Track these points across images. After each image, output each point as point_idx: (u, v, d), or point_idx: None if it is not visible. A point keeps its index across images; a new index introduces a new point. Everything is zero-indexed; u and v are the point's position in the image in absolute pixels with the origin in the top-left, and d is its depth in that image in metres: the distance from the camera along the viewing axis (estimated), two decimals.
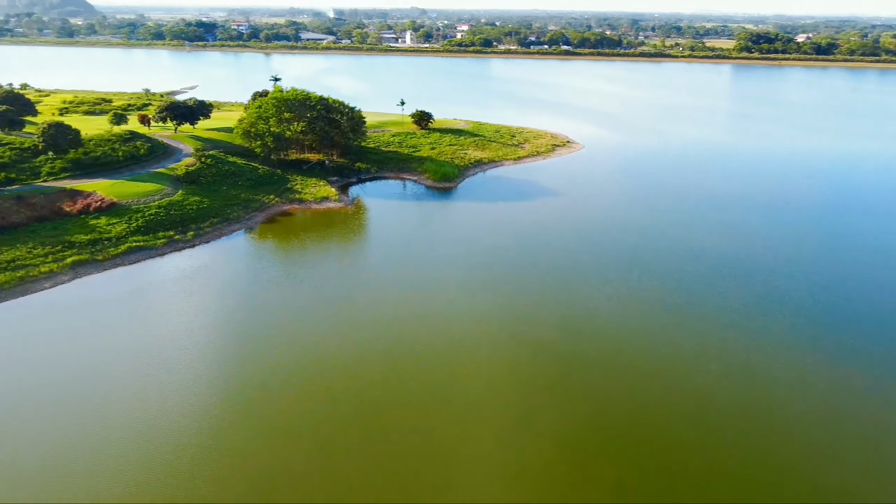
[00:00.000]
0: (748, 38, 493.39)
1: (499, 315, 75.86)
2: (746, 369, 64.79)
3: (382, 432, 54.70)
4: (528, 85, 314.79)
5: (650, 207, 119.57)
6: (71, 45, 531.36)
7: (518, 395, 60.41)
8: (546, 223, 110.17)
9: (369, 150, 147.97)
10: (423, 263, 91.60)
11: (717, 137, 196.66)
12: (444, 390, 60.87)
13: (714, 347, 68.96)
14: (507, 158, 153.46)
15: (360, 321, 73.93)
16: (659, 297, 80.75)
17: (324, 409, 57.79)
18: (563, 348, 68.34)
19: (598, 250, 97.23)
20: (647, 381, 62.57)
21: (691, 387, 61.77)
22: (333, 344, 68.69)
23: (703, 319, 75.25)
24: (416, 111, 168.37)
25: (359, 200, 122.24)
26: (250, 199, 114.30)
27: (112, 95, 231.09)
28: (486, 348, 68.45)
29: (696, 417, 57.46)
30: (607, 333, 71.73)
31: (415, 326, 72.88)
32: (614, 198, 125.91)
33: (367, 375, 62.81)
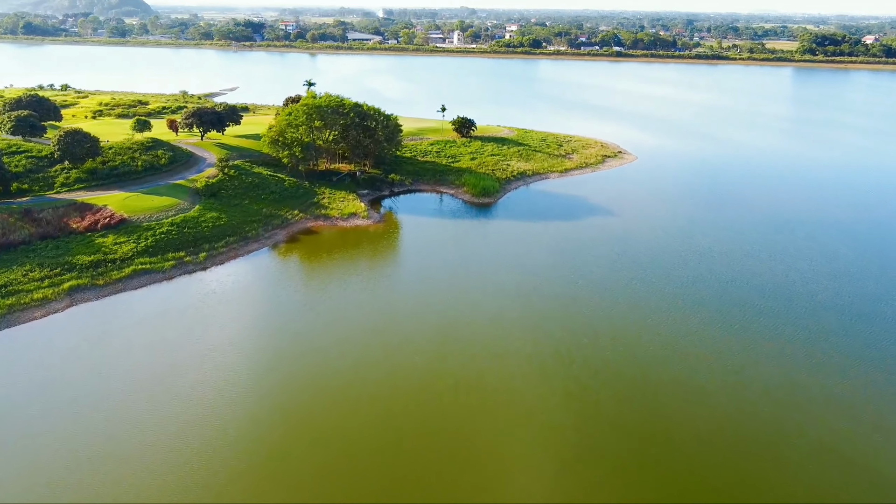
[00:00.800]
0: (811, 40, 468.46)
1: (540, 352, 65.20)
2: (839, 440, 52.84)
3: (418, 463, 46.24)
4: (578, 88, 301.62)
5: (711, 228, 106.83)
6: (122, 44, 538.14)
7: (576, 434, 50.15)
8: (593, 246, 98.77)
9: (405, 159, 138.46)
10: (455, 291, 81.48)
11: (784, 146, 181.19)
12: (485, 432, 50.78)
13: (799, 407, 57.02)
14: (552, 171, 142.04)
15: (385, 358, 64.18)
16: (724, 337, 68.84)
17: (357, 443, 48.72)
18: (616, 390, 57.35)
19: (652, 277, 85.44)
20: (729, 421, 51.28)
21: (770, 437, 50.20)
22: (357, 381, 59.15)
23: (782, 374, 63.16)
24: (456, 118, 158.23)
25: (389, 216, 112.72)
26: (272, 214, 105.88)
27: (150, 97, 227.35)
28: (527, 383, 58.09)
29: (773, 466, 46.03)
30: (667, 377, 60.37)
31: (447, 365, 62.77)
32: (670, 217, 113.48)
33: (399, 415, 53.03)
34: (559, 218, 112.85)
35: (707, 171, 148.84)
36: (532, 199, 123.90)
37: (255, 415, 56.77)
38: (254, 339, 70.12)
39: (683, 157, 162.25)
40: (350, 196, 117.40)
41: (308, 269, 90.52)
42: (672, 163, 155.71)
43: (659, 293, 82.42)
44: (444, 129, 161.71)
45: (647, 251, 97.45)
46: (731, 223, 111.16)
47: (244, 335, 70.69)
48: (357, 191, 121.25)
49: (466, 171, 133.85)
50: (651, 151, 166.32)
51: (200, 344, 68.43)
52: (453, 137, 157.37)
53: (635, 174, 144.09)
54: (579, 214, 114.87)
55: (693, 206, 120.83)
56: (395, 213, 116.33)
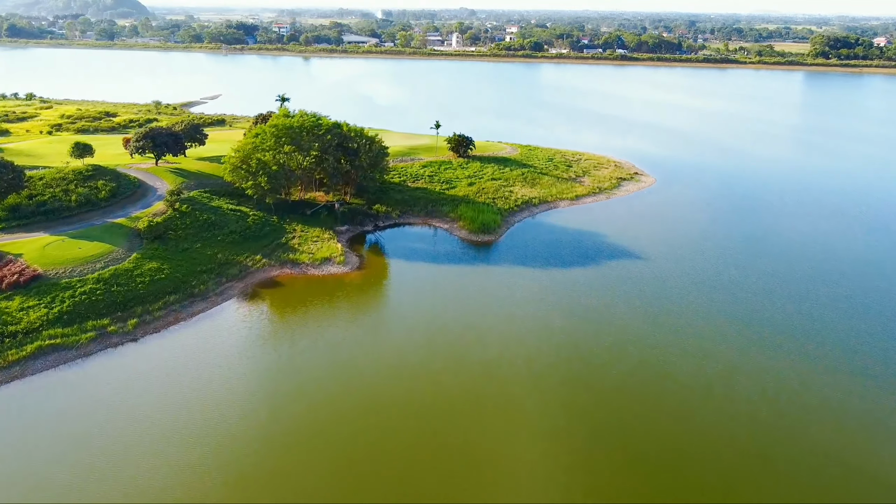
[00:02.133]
0: (824, 43, 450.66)
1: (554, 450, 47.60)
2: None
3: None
4: (583, 95, 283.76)
5: (748, 268, 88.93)
6: (108, 47, 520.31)
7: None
8: (612, 296, 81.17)
9: (392, 186, 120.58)
10: (448, 373, 63.63)
11: (815, 163, 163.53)
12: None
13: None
14: (562, 197, 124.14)
15: (359, 470, 46.47)
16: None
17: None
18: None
19: (684, 340, 67.60)
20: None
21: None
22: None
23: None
24: (453, 136, 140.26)
25: (371, 261, 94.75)
26: (229, 261, 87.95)
27: (121, 108, 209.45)
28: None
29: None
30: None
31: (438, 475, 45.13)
32: (702, 258, 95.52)
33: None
34: (572, 261, 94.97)
35: (735, 196, 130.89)
36: (540, 236, 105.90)
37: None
38: (184, 438, 52.16)
39: (707, 178, 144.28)
40: (325, 234, 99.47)
41: (264, 339, 72.58)
42: (695, 185, 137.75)
43: (708, 379, 64.54)
44: (439, 147, 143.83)
45: (679, 303, 79.54)
46: (773, 258, 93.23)
47: (172, 431, 52.72)
48: (334, 227, 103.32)
49: (463, 200, 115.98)
50: (670, 171, 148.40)
51: (107, 452, 50.53)
52: (449, 157, 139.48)
53: (655, 201, 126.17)
54: (596, 256, 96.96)
55: (726, 242, 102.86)
56: (378, 254, 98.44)
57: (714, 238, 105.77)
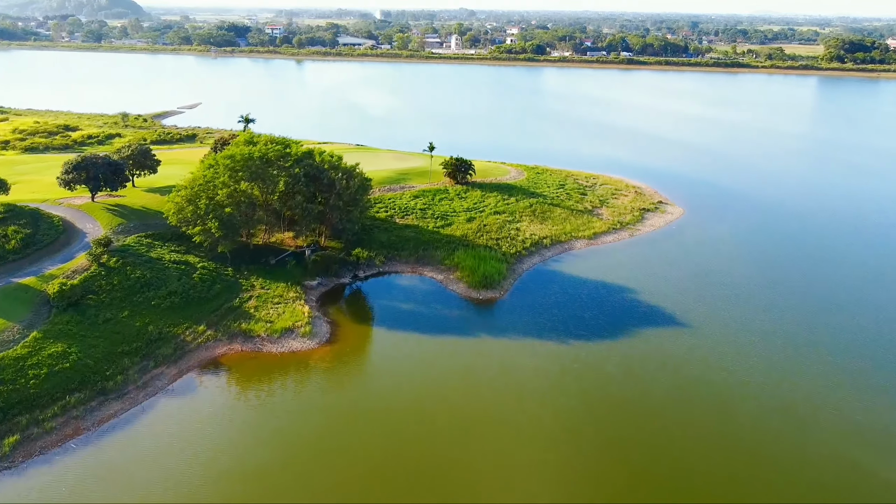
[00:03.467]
0: (839, 46, 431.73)
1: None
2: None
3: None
4: (591, 103, 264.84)
5: (823, 340, 70.15)
6: (94, 49, 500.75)
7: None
8: (649, 382, 62.28)
9: (378, 223, 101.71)
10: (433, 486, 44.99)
11: (867, 187, 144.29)
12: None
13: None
14: (578, 236, 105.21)
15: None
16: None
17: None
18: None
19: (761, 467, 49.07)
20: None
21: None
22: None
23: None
24: (449, 160, 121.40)
25: (343, 331, 75.83)
26: (163, 335, 69.14)
27: (84, 119, 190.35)
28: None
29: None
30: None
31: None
32: (752, 320, 76.65)
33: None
34: (595, 327, 76.27)
35: (782, 232, 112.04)
36: (553, 291, 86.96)
37: None
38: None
39: (743, 208, 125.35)
40: (291, 292, 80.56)
41: (194, 460, 53.62)
42: (731, 218, 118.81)
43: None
44: (434, 171, 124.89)
45: (735, 390, 60.73)
46: (844, 332, 74.43)
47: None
48: (303, 281, 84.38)
49: (461, 242, 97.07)
50: (698, 199, 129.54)
51: None
52: (445, 184, 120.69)
53: (687, 240, 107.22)
54: (624, 320, 78.30)
55: (780, 296, 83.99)
56: (354, 318, 79.62)
57: (765, 287, 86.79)
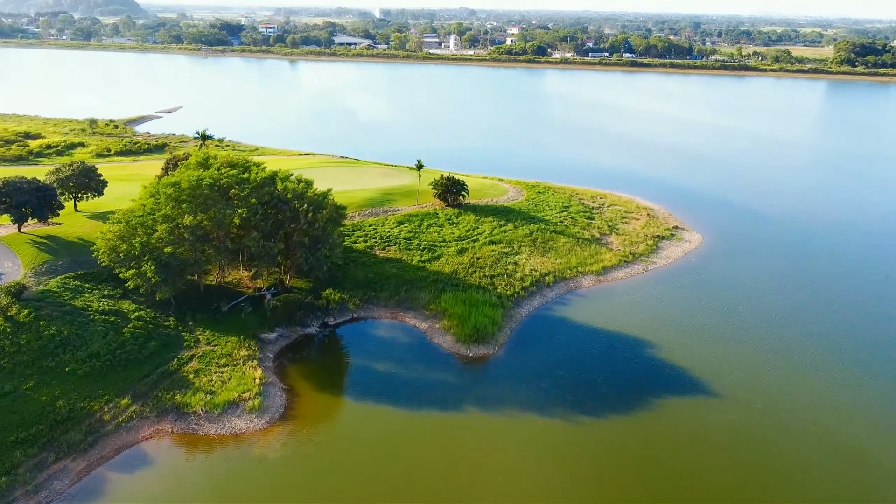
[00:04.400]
0: (849, 49, 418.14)
1: None
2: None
3: None
4: (595, 109, 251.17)
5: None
6: (81, 48, 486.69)
7: None
8: (680, 473, 48.99)
9: (355, 256, 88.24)
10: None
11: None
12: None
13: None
14: (584, 271, 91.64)
15: None
16: None
17: None
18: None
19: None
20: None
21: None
22: None
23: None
24: (440, 180, 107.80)
25: (302, 402, 62.28)
26: (74, 413, 55.77)
27: (50, 126, 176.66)
28: None
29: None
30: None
31: None
32: (798, 381, 63.24)
33: None
34: (607, 395, 63.13)
35: (819, 264, 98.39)
36: (557, 343, 73.50)
37: None
38: None
39: (771, 234, 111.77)
40: (243, 349, 67.08)
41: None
42: (758, 248, 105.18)
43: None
44: (423, 190, 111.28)
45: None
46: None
47: None
48: (260, 333, 70.81)
49: (450, 281, 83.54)
50: (718, 223, 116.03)
51: None
52: (434, 206, 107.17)
53: (709, 276, 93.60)
54: (641, 381, 65.23)
55: (826, 348, 70.46)
56: (317, 384, 65.98)
57: (812, 349, 73.22)
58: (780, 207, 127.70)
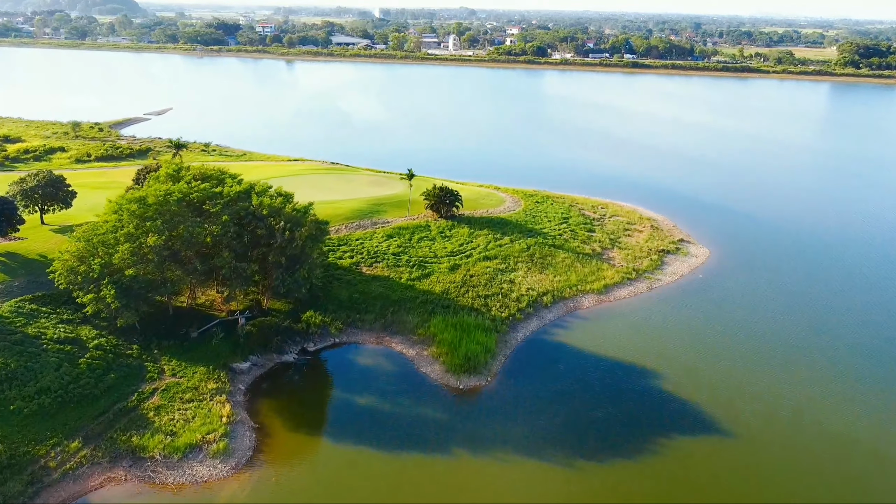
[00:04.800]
0: (853, 51, 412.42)
1: None
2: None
3: None
4: (596, 111, 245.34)
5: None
6: (75, 47, 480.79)
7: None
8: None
9: (340, 273, 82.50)
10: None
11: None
12: None
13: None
14: (585, 290, 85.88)
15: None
16: None
17: None
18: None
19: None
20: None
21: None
22: None
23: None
24: (432, 190, 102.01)
25: (274, 443, 56.49)
26: (18, 458, 50.21)
27: (32, 128, 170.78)
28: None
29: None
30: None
31: None
32: (824, 417, 57.55)
33: None
34: (611, 433, 57.54)
35: (836, 278, 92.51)
36: (554, 372, 67.80)
37: None
38: None
39: (782, 246, 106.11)
40: (212, 380, 61.32)
41: None
42: (771, 263, 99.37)
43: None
44: (415, 200, 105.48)
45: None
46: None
47: None
48: (232, 362, 64.99)
49: (440, 302, 77.80)
50: (726, 235, 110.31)
51: None
52: (426, 218, 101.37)
53: (719, 292, 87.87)
54: (649, 417, 59.72)
55: (846, 373, 64.73)
56: (291, 421, 60.16)
57: (837, 383, 67.47)
58: (789, 216, 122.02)
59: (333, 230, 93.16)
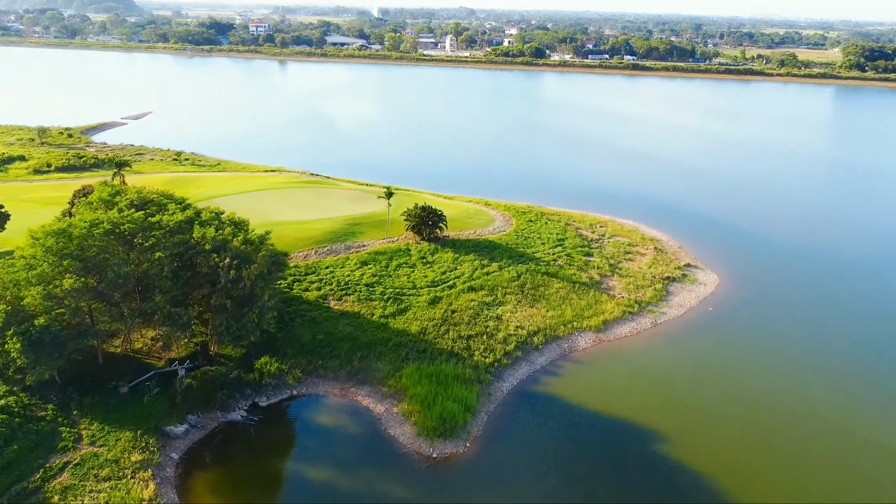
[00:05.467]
0: (859, 53, 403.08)
1: None
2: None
3: None
4: (595, 117, 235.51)
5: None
6: (64, 46, 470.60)
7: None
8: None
9: (303, 310, 72.72)
10: None
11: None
12: None
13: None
14: (581, 326, 76.28)
15: None
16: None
17: None
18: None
19: None
20: None
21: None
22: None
23: None
24: (413, 210, 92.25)
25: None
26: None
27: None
28: None
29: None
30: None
31: None
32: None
33: None
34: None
35: (865, 309, 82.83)
36: (546, 434, 58.19)
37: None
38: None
39: (800, 271, 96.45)
40: (137, 451, 51.68)
41: None
42: (787, 291, 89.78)
43: None
44: (395, 220, 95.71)
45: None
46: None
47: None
48: (165, 425, 55.25)
49: (415, 345, 68.09)
50: (737, 259, 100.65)
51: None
52: (408, 241, 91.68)
53: (732, 329, 78.28)
54: (658, 492, 49.57)
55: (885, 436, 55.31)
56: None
57: (865, 439, 57.87)
58: (807, 236, 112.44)
59: (302, 255, 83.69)
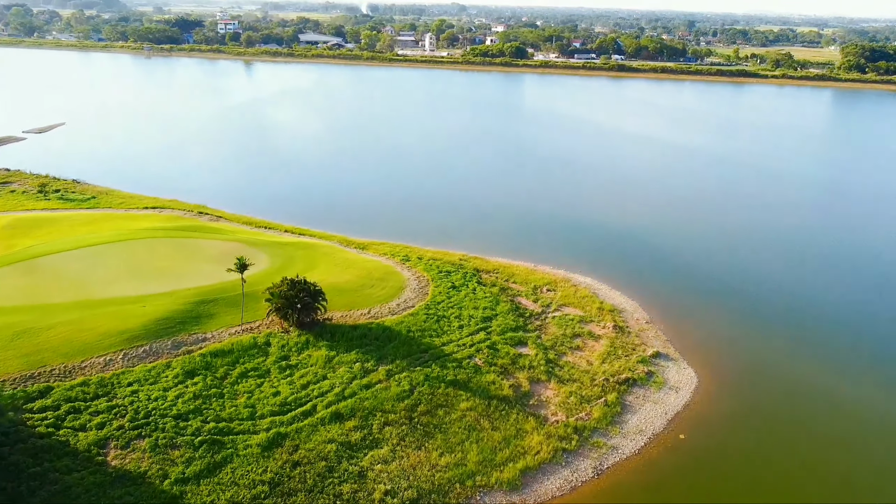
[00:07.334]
0: (859, 54, 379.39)
1: None
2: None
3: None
4: (568, 129, 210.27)
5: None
6: (14, 45, 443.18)
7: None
8: None
9: (62, 463, 47.45)
10: None
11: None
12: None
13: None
14: (491, 483, 51.59)
15: None
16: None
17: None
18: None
19: None
20: None
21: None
22: None
23: None
24: (278, 286, 66.99)
25: None
26: None
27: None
28: None
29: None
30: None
31: None
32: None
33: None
34: None
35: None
36: None
37: None
38: None
39: (814, 370, 71.48)
40: None
41: None
42: (797, 405, 64.85)
43: None
44: (255, 293, 70.17)
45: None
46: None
47: None
48: None
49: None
50: (724, 341, 75.73)
51: None
52: (271, 328, 66.40)
53: (713, 477, 53.71)
54: None
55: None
56: None
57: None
58: (825, 303, 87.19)
59: (100, 363, 58.55)
